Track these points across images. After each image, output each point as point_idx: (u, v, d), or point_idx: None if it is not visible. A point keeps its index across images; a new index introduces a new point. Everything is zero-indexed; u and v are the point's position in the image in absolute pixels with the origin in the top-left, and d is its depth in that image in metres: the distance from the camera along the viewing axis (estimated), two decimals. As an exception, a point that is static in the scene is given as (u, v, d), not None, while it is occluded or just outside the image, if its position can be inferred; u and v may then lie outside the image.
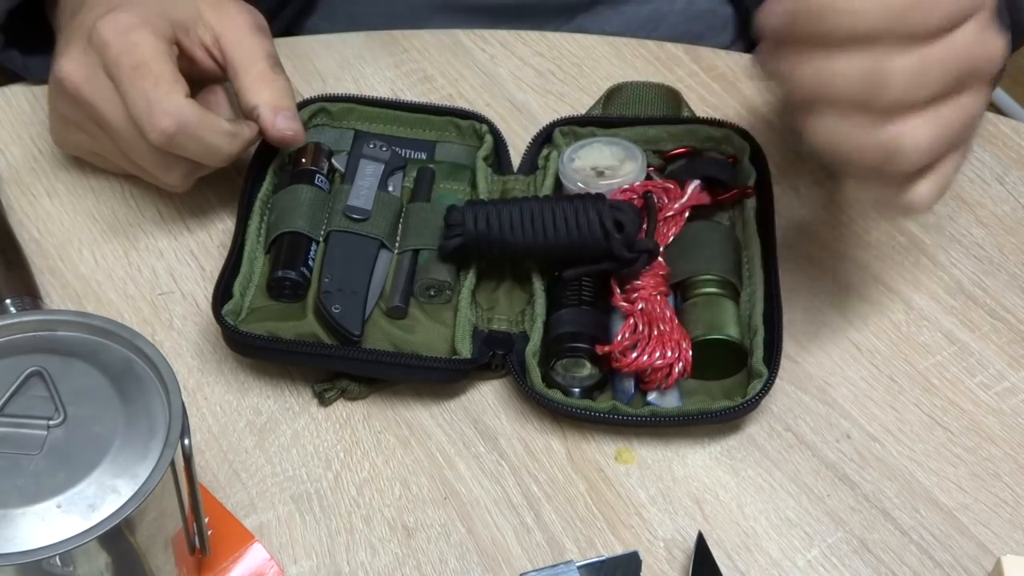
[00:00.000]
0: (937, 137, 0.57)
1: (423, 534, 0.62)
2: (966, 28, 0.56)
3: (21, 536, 0.47)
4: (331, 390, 0.66)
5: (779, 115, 0.81)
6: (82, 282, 0.72)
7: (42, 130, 0.79)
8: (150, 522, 0.50)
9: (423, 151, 0.76)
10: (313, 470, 0.64)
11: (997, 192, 0.79)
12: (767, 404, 0.67)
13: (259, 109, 0.70)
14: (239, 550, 0.60)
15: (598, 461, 0.65)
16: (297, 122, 0.71)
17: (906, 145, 0.56)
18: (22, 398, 0.51)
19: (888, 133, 0.56)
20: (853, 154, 0.57)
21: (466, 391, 0.68)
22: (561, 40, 0.88)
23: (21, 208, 0.75)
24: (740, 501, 0.64)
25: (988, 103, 0.61)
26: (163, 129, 0.66)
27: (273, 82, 0.70)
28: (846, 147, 0.57)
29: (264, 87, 0.70)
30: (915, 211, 0.60)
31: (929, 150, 0.57)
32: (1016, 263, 0.75)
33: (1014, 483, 0.65)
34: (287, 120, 0.70)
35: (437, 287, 0.68)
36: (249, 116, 0.70)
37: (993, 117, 0.83)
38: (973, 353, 0.70)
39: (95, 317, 0.53)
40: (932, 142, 0.56)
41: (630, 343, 0.65)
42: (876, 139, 0.56)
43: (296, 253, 0.68)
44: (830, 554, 0.62)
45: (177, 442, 0.50)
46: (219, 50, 0.71)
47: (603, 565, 0.58)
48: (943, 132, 0.57)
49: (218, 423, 0.66)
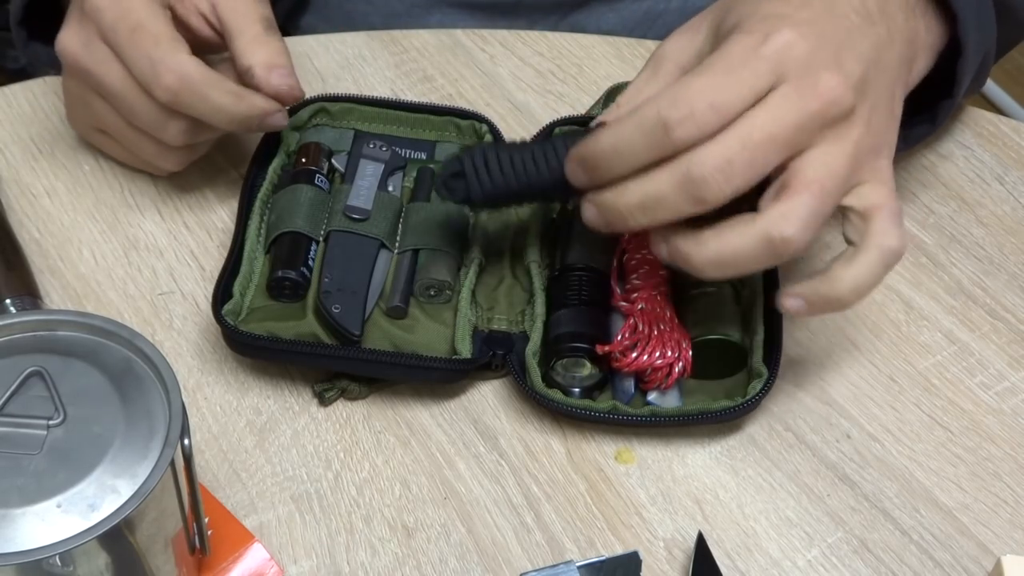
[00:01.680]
0: (806, 223, 0.57)
1: (423, 534, 0.62)
2: (768, 101, 0.57)
3: (21, 536, 0.47)
4: (331, 390, 0.66)
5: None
6: (82, 282, 0.72)
7: (42, 130, 0.79)
8: (150, 522, 0.50)
9: (423, 151, 0.76)
10: (313, 470, 0.64)
11: (997, 192, 0.79)
12: (767, 404, 0.67)
13: (254, 68, 0.69)
14: (239, 550, 0.60)
15: (598, 461, 0.65)
16: (293, 78, 0.70)
17: (784, 244, 0.57)
18: (22, 398, 0.51)
19: (759, 229, 0.57)
20: (740, 261, 0.58)
21: (466, 391, 0.68)
22: (561, 40, 0.88)
23: (21, 208, 0.75)
24: (740, 501, 0.64)
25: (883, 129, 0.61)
26: (168, 85, 0.66)
27: (267, 43, 0.70)
28: (730, 257, 0.58)
29: (258, 48, 0.69)
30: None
31: (808, 237, 0.57)
32: (1016, 263, 0.75)
33: (1014, 483, 0.65)
34: (282, 76, 0.69)
35: (437, 287, 0.68)
36: (245, 78, 0.69)
37: (993, 117, 0.83)
38: (973, 353, 0.70)
39: (95, 317, 0.53)
40: (804, 230, 0.57)
41: (630, 343, 0.65)
42: (752, 236, 0.57)
43: (296, 253, 0.68)
44: (830, 554, 0.62)
45: (177, 442, 0.50)
46: (215, 16, 0.71)
47: (603, 565, 0.58)
48: (809, 212, 0.57)
49: (218, 423, 0.66)
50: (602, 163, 0.58)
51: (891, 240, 0.59)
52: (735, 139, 0.56)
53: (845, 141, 0.58)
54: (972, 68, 0.69)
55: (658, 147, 0.57)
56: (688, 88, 0.57)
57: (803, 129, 0.57)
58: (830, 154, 0.58)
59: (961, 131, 0.82)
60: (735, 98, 0.56)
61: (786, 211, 0.57)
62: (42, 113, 0.80)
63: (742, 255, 0.57)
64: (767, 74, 0.57)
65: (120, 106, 0.70)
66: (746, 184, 0.57)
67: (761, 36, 0.58)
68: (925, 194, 0.78)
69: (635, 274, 0.67)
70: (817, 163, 0.57)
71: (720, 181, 0.56)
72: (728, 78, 0.57)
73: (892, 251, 0.59)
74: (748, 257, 0.58)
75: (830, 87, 0.57)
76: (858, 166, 0.59)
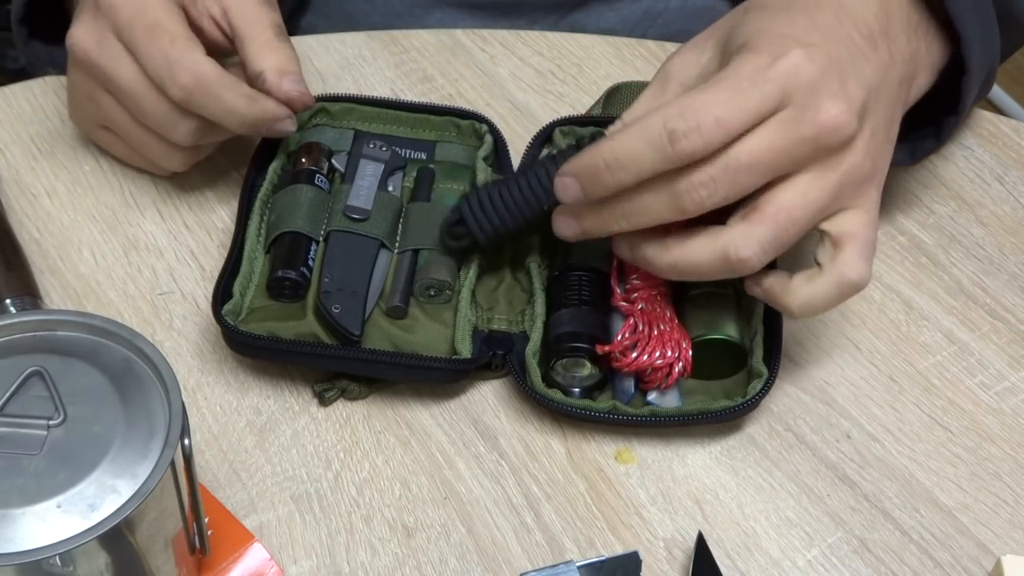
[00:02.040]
0: (764, 247, 0.59)
1: (423, 534, 0.62)
2: (766, 124, 0.57)
3: (21, 536, 0.47)
4: (331, 390, 0.66)
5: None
6: (82, 282, 0.72)
7: (42, 130, 0.79)
8: (150, 522, 0.50)
9: (423, 151, 0.76)
10: (313, 470, 0.64)
11: (997, 192, 0.79)
12: (767, 404, 0.67)
13: (265, 74, 0.69)
14: (239, 550, 0.60)
15: (598, 461, 0.65)
16: (303, 85, 0.70)
17: (741, 264, 0.59)
18: (22, 398, 0.51)
19: (724, 257, 0.59)
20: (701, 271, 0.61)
21: (466, 391, 0.68)
22: (561, 40, 0.88)
23: (21, 208, 0.75)
24: (740, 501, 0.64)
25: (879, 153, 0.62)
26: (184, 84, 0.67)
27: (279, 49, 0.70)
28: (689, 267, 0.61)
29: (270, 53, 0.70)
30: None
31: (764, 260, 0.59)
32: (1016, 263, 0.75)
33: (1014, 483, 0.65)
34: (293, 83, 0.70)
35: (437, 287, 0.68)
36: (255, 83, 0.70)
37: (993, 117, 0.83)
38: (973, 353, 0.70)
39: (95, 317, 0.53)
40: (762, 253, 0.59)
41: (630, 343, 0.65)
42: (711, 251, 0.59)
43: (296, 253, 0.68)
44: (830, 554, 0.62)
45: (177, 442, 0.50)
46: (226, 21, 0.71)
47: (603, 565, 0.58)
48: (768, 238, 0.59)
49: (218, 423, 0.66)
50: (602, 174, 0.59)
51: (853, 273, 0.60)
52: (723, 157, 0.57)
53: (834, 171, 0.59)
54: (976, 85, 0.69)
55: (662, 158, 0.57)
56: (695, 101, 0.57)
57: (792, 156, 0.58)
58: (814, 183, 0.59)
59: (961, 131, 0.82)
60: (741, 116, 0.57)
61: (748, 234, 0.59)
62: (42, 113, 0.80)
63: (701, 267, 0.60)
64: (774, 95, 0.57)
65: (130, 104, 0.70)
66: (726, 200, 0.58)
67: (770, 57, 0.58)
68: (925, 194, 0.78)
69: (635, 274, 0.67)
70: (795, 192, 0.59)
71: (703, 196, 0.57)
72: (736, 97, 0.57)
73: (851, 284, 0.60)
74: (705, 269, 0.60)
75: (832, 115, 0.58)
76: (842, 195, 0.60)
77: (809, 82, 0.58)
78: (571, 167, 0.60)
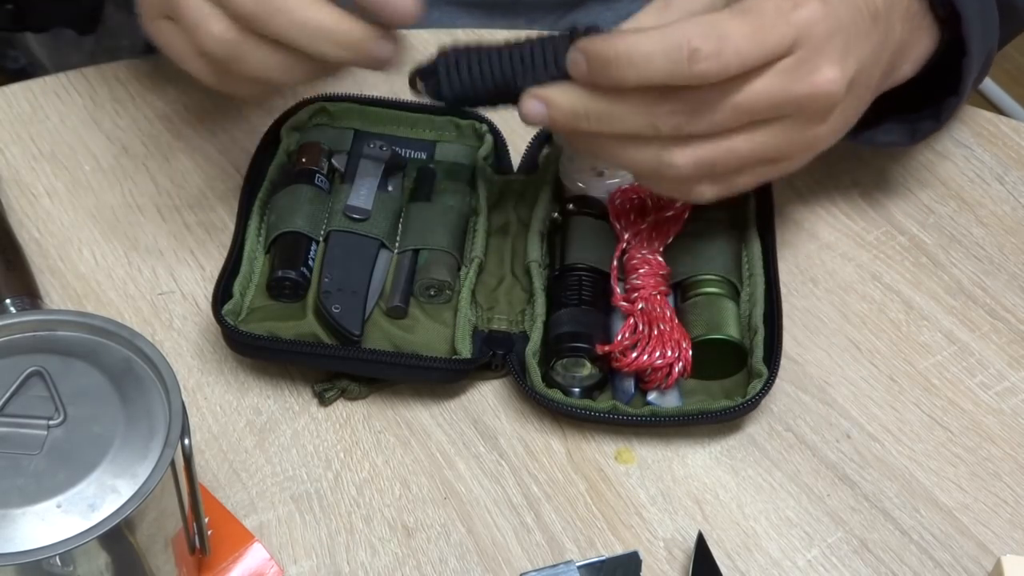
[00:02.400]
0: (698, 165, 0.59)
1: (423, 534, 0.62)
2: (765, 74, 0.57)
3: (21, 536, 0.47)
4: (331, 390, 0.66)
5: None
6: (82, 282, 0.72)
7: (42, 130, 0.79)
8: (150, 522, 0.50)
9: (423, 151, 0.76)
10: (313, 470, 0.64)
11: (997, 192, 0.79)
12: (767, 404, 0.67)
13: None
14: (239, 550, 0.60)
15: (598, 461, 0.65)
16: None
17: (669, 169, 0.59)
18: (22, 398, 0.51)
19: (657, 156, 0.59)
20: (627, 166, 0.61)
21: (466, 391, 0.68)
22: (561, 40, 0.87)
23: (21, 208, 0.75)
24: (740, 501, 0.64)
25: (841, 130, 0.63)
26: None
27: None
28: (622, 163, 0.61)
29: None
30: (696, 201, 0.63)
31: (691, 176, 0.60)
32: (1016, 263, 0.75)
33: (1014, 483, 0.65)
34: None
35: (437, 287, 0.68)
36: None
37: (993, 117, 0.83)
38: (973, 353, 0.70)
39: (95, 317, 0.53)
40: (693, 169, 0.59)
41: (630, 343, 0.65)
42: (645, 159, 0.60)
43: (296, 253, 0.68)
44: (830, 554, 0.62)
45: (177, 442, 0.50)
46: None
47: (603, 565, 0.58)
48: (706, 161, 0.59)
49: (218, 423, 0.66)
50: (612, 66, 0.57)
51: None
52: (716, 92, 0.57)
53: (800, 134, 0.60)
54: (976, 66, 0.69)
55: (673, 72, 0.56)
56: (722, 27, 0.56)
57: (778, 110, 0.58)
58: (777, 137, 0.59)
59: (960, 131, 0.82)
60: (758, 53, 0.56)
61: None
62: (42, 113, 0.80)
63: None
64: (787, 41, 0.57)
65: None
66: (700, 134, 0.58)
67: (791, 2, 0.58)
68: (925, 194, 0.78)
69: (635, 274, 0.67)
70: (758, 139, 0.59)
71: (681, 122, 0.58)
72: (759, 33, 0.56)
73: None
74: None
75: (827, 79, 0.58)
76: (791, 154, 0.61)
77: (820, 36, 0.58)
78: (589, 45, 0.58)
